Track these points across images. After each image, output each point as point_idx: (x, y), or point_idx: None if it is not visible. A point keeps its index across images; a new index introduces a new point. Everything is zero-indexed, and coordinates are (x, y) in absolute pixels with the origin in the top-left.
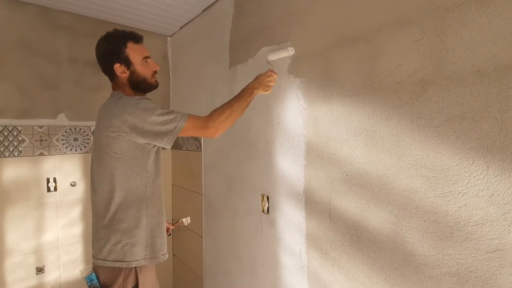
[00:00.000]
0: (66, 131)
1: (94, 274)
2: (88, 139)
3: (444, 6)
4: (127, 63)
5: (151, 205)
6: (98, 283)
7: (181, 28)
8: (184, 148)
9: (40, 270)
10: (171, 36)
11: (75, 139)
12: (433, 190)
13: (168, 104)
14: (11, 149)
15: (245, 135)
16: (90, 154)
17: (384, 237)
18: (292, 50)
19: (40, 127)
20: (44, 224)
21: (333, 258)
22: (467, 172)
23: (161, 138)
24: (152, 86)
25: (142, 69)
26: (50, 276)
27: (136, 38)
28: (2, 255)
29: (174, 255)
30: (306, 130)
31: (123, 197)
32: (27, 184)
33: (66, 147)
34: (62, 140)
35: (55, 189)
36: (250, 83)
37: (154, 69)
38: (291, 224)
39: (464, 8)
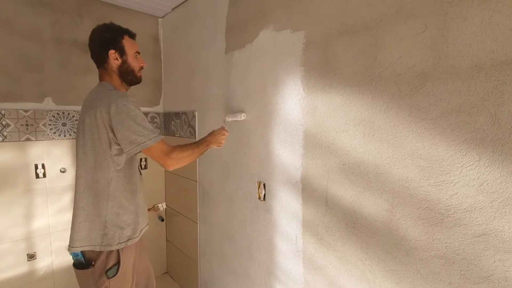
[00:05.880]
0: (53, 116)
1: (80, 253)
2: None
3: (448, 0)
4: (122, 52)
5: (113, 199)
6: (83, 258)
7: (173, 9)
8: (177, 134)
9: (31, 256)
10: (162, 17)
11: (64, 124)
12: (427, 179)
13: (159, 90)
14: None
15: (241, 123)
16: None
17: (379, 223)
18: (244, 116)
19: (26, 111)
20: (34, 211)
21: (328, 243)
22: (460, 163)
23: (125, 145)
24: (138, 79)
25: (133, 61)
26: (42, 262)
27: (131, 34)
28: None
29: (168, 241)
30: (304, 119)
31: (87, 185)
32: (14, 171)
33: (54, 132)
34: (49, 125)
35: (44, 175)
36: (206, 137)
37: (142, 65)
38: (288, 211)
39: (466, 3)
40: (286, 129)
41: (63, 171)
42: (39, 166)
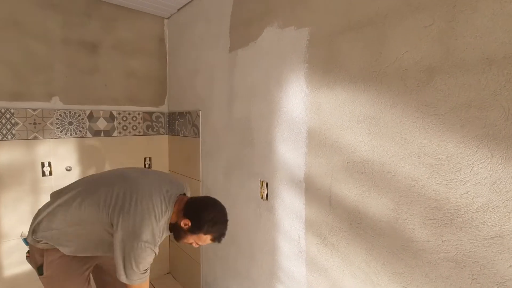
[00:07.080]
0: (60, 115)
1: (25, 239)
2: (83, 123)
3: None
4: (192, 231)
5: (71, 224)
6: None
7: (178, 10)
8: (181, 134)
9: None
10: (168, 18)
11: (70, 123)
12: (435, 177)
13: (165, 89)
14: (4, 132)
15: (244, 122)
16: (86, 139)
17: (384, 224)
18: None
19: (34, 110)
20: None
21: (331, 244)
22: (470, 160)
23: (120, 265)
24: (175, 239)
25: (187, 238)
26: None
27: (218, 239)
28: None
29: (171, 241)
30: (308, 117)
31: (74, 199)
32: (22, 168)
33: (61, 131)
34: (56, 124)
35: (50, 173)
36: None
37: (190, 244)
38: (291, 211)
39: None
40: (289, 127)
41: (68, 169)
42: (46, 164)
